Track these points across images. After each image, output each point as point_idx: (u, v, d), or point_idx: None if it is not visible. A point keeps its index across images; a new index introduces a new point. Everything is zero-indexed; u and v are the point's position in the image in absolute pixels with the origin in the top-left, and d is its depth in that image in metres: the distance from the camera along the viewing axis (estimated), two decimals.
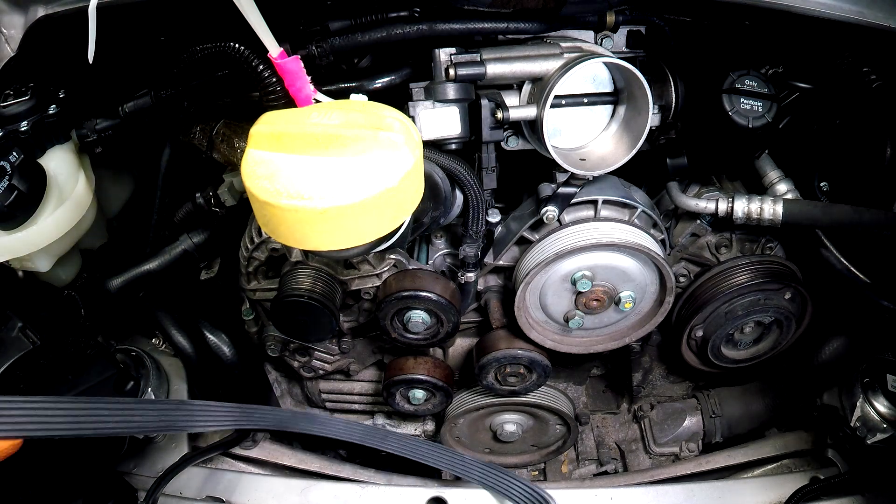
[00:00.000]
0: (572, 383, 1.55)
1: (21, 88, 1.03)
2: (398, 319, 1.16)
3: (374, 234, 0.66)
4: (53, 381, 1.04)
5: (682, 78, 1.06)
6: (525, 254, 1.11)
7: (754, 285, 1.18)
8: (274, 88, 0.92)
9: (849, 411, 1.20)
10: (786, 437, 1.36)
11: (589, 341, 1.24)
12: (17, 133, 1.01)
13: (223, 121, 1.23)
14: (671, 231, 1.22)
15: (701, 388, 1.52)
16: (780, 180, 1.16)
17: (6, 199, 0.95)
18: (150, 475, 1.22)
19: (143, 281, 1.29)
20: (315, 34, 0.99)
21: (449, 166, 0.98)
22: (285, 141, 0.65)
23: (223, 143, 1.21)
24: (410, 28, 0.96)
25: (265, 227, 0.66)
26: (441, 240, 1.20)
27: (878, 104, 1.05)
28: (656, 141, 1.15)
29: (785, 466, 1.33)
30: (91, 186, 1.14)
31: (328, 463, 1.35)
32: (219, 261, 1.39)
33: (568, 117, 1.03)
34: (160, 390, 1.30)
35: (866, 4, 0.90)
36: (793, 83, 1.09)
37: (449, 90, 0.97)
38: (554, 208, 1.05)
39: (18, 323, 1.20)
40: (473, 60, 0.96)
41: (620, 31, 1.03)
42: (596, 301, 1.12)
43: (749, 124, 1.03)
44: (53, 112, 1.04)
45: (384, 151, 0.64)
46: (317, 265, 1.13)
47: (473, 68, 0.95)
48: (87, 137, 1.13)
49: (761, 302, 1.20)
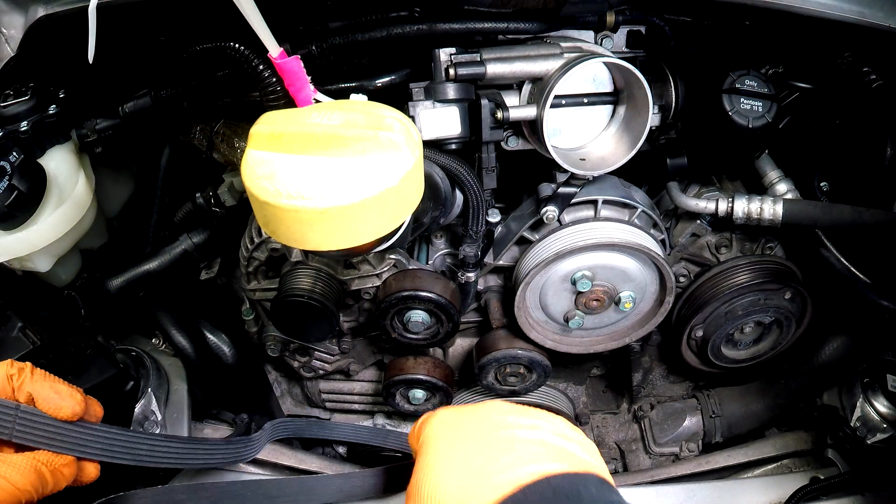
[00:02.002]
0: (572, 383, 1.55)
1: (21, 88, 1.03)
2: (398, 319, 1.16)
3: (375, 234, 0.66)
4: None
5: (682, 78, 1.06)
6: (525, 254, 1.11)
7: (754, 285, 1.18)
8: (274, 88, 0.92)
9: (849, 411, 1.21)
10: (786, 437, 1.36)
11: (589, 341, 1.24)
12: (17, 133, 1.01)
13: (223, 121, 1.23)
14: (671, 231, 1.22)
15: (701, 388, 1.52)
16: (780, 180, 1.16)
17: (6, 199, 0.95)
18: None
19: (143, 281, 1.29)
20: (315, 34, 0.99)
21: (449, 166, 0.98)
22: (285, 141, 0.65)
23: (223, 143, 1.21)
24: (410, 28, 0.96)
25: (265, 227, 0.66)
26: (441, 240, 1.20)
27: (878, 104, 1.05)
28: (656, 141, 1.15)
29: (785, 466, 1.33)
30: (91, 186, 1.14)
31: (328, 463, 1.35)
32: (219, 261, 1.39)
33: (568, 117, 1.03)
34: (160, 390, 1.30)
35: (866, 4, 0.90)
36: (793, 83, 1.09)
37: (449, 90, 0.97)
38: (554, 208, 1.05)
39: (18, 323, 1.20)
40: (473, 60, 0.96)
41: (620, 31, 1.03)
42: (596, 301, 1.12)
43: (749, 124, 1.03)
44: (53, 112, 1.04)
45: (384, 151, 0.64)
46: (317, 265, 1.13)
47: (473, 68, 0.95)
48: (87, 137, 1.13)
49: (761, 302, 1.20)
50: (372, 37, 0.97)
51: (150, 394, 1.27)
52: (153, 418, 1.27)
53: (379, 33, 0.97)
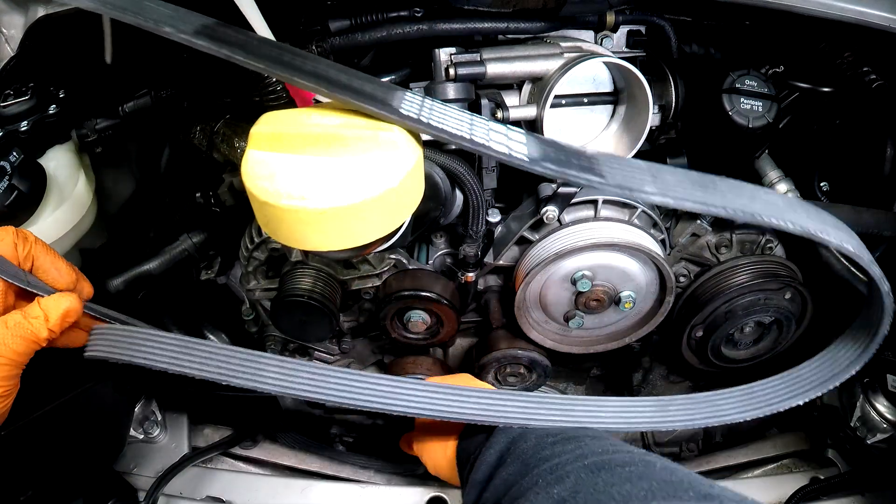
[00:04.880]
0: (572, 383, 1.55)
1: (21, 88, 1.03)
2: (398, 319, 1.16)
3: (375, 235, 0.66)
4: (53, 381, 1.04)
5: (682, 78, 1.06)
6: (525, 254, 1.11)
7: (754, 285, 1.18)
8: (274, 88, 0.92)
9: (849, 411, 1.21)
10: (786, 437, 1.36)
11: (589, 341, 1.24)
12: (17, 133, 1.01)
13: (223, 121, 1.23)
14: (671, 231, 1.22)
15: (701, 388, 1.52)
16: (780, 180, 1.16)
17: (6, 199, 0.95)
18: (150, 475, 1.22)
19: (144, 281, 1.29)
20: (315, 34, 0.99)
21: (449, 166, 0.98)
22: (285, 141, 0.65)
23: (223, 143, 1.20)
24: (410, 28, 0.96)
25: (265, 227, 0.66)
26: (441, 240, 1.20)
27: (878, 104, 1.05)
28: (656, 141, 1.15)
29: (785, 466, 1.33)
30: (91, 186, 1.14)
31: (328, 463, 1.35)
32: (219, 260, 1.39)
33: (568, 117, 1.03)
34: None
35: (866, 4, 0.90)
36: (793, 83, 1.09)
37: (449, 90, 0.97)
38: (554, 208, 1.05)
39: None
40: (473, 60, 0.96)
41: (620, 31, 1.03)
42: (596, 301, 1.12)
43: (749, 124, 1.03)
44: (53, 112, 1.04)
45: (384, 152, 0.64)
46: (317, 265, 1.13)
47: (473, 68, 0.95)
48: (87, 137, 1.13)
49: (761, 302, 1.19)
50: (372, 37, 0.97)
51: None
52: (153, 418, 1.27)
53: (379, 33, 0.97)
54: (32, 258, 0.75)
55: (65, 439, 1.04)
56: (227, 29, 0.65)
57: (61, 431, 1.03)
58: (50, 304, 0.72)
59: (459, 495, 1.21)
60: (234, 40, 0.64)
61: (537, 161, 0.62)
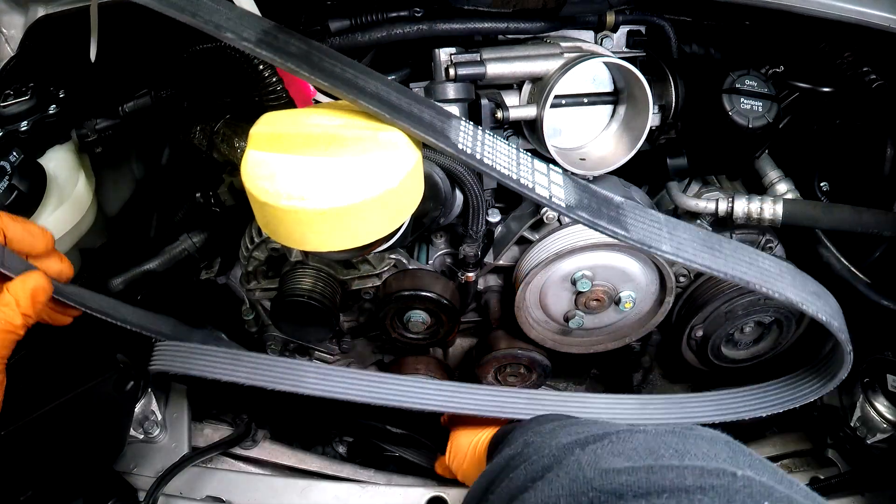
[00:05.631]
0: (572, 383, 1.55)
1: (21, 88, 1.03)
2: (398, 319, 1.16)
3: (375, 235, 0.66)
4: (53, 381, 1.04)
5: (682, 78, 1.06)
6: (525, 254, 1.11)
7: None
8: (274, 89, 0.92)
9: (849, 411, 1.21)
10: (786, 437, 1.36)
11: (589, 341, 1.24)
12: (17, 133, 1.01)
13: (223, 121, 1.23)
14: None
15: (701, 388, 1.52)
16: (780, 180, 1.16)
17: (6, 199, 0.95)
18: (150, 475, 1.21)
19: (144, 281, 1.29)
20: (315, 34, 0.99)
21: (449, 166, 0.98)
22: (285, 141, 0.65)
23: (223, 143, 1.20)
24: (410, 28, 0.96)
25: (265, 227, 0.66)
26: (441, 240, 1.20)
27: (878, 104, 1.05)
28: (656, 141, 1.15)
29: (785, 466, 1.32)
30: (91, 186, 1.14)
31: (328, 463, 1.35)
32: (219, 260, 1.39)
33: (568, 117, 1.03)
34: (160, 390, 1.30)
35: (866, 4, 0.90)
36: (793, 83, 1.09)
37: (449, 90, 0.97)
38: None
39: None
40: (473, 60, 0.96)
41: (620, 31, 1.03)
42: (596, 301, 1.12)
43: (749, 124, 1.03)
44: (53, 112, 1.04)
45: (384, 152, 0.64)
46: (317, 265, 1.13)
47: (473, 68, 0.95)
48: (87, 137, 1.13)
49: (761, 302, 1.19)
50: (372, 37, 0.97)
51: (150, 394, 1.27)
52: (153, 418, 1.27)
53: (379, 33, 0.97)
54: (2, 231, 0.73)
55: (65, 439, 1.03)
56: (287, 36, 0.66)
57: (61, 431, 1.03)
58: (17, 287, 0.70)
59: (459, 495, 1.21)
60: (296, 51, 0.66)
61: (573, 209, 0.66)
